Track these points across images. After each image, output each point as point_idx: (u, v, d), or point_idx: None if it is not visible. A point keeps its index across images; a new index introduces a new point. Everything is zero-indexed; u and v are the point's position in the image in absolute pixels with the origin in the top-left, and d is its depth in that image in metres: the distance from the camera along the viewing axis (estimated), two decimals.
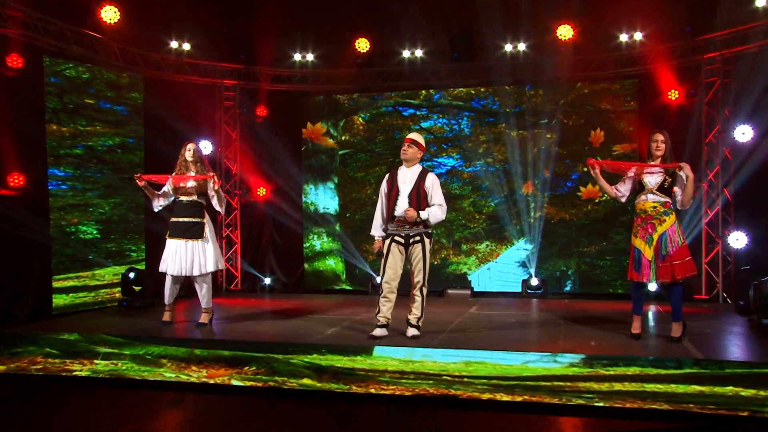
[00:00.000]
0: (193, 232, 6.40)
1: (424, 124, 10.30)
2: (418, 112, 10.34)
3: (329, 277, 10.56)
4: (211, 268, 6.45)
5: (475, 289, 9.83)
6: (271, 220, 10.43)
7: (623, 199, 5.86)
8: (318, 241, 10.61)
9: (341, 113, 10.58)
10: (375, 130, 10.48)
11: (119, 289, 8.53)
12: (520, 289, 9.71)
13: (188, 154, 6.54)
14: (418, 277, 5.85)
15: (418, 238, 5.78)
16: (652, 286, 8.65)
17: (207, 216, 6.54)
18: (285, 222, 10.42)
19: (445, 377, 5.07)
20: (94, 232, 8.56)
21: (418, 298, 5.89)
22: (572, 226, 9.73)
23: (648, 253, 5.58)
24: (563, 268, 9.79)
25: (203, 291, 6.52)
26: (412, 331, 5.88)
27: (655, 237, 5.56)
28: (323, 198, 10.61)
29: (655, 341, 5.74)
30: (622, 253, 9.45)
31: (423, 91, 10.30)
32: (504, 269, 10.02)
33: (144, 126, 9.28)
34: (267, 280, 10.10)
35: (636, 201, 5.71)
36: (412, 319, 5.92)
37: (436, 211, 5.78)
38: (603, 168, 5.85)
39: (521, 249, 9.96)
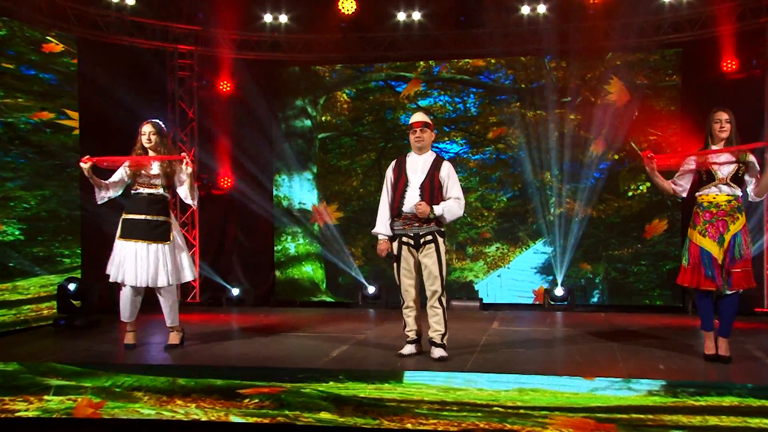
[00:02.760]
0: (159, 234, 6.05)
1: (423, 103, 10.10)
2: (415, 88, 10.11)
3: (306, 287, 10.32)
4: (187, 277, 6.19)
5: (485, 300, 9.64)
6: (236, 218, 10.17)
7: (684, 195, 5.71)
8: (292, 244, 10.35)
9: (321, 88, 10.34)
10: (362, 109, 10.26)
11: (50, 304, 8.14)
12: (538, 301, 9.61)
13: (144, 140, 6.11)
14: (434, 286, 5.69)
15: (430, 237, 5.66)
16: None
17: (172, 215, 6.25)
18: (252, 220, 10.18)
19: (496, 408, 4.81)
20: (17, 232, 8.17)
21: (438, 311, 5.74)
22: (600, 224, 9.62)
23: (719, 255, 5.43)
24: (589, 275, 9.66)
25: (169, 305, 6.21)
26: (438, 352, 5.73)
27: (728, 237, 5.42)
28: (299, 191, 10.35)
29: (733, 363, 5.56)
30: (661, 258, 9.38)
31: (421, 63, 10.10)
32: (518, 276, 9.87)
33: (79, 99, 8.87)
34: (235, 291, 9.75)
35: (701, 192, 5.55)
36: (436, 337, 5.76)
37: (452, 206, 5.68)
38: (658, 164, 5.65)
39: (538, 252, 9.81)
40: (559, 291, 9.30)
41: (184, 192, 6.17)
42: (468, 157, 9.95)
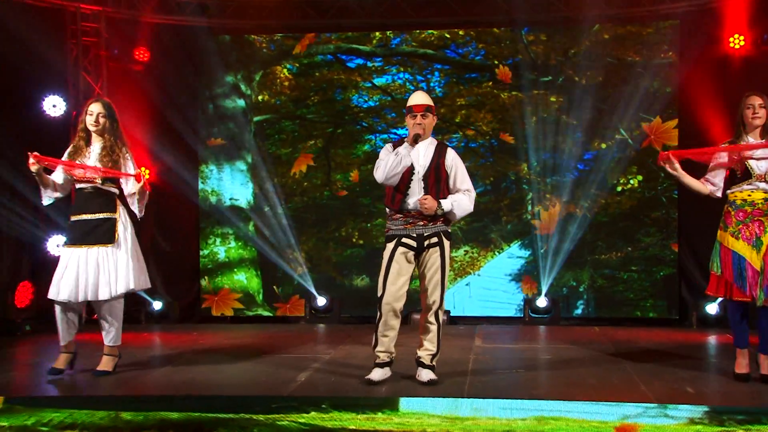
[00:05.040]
0: (100, 234, 5.82)
1: (379, 81, 9.98)
2: (369, 63, 10.04)
3: (238, 299, 10.10)
4: (131, 285, 5.92)
5: (452, 313, 9.57)
6: (154, 217, 9.84)
7: (719, 194, 5.74)
8: (222, 247, 10.14)
9: (257, 61, 10.15)
10: (307, 87, 10.10)
11: None
12: (515, 313, 9.63)
13: (90, 121, 5.89)
14: (434, 297, 5.67)
15: (435, 240, 5.60)
16: (712, 308, 8.65)
17: (122, 210, 6.00)
18: (174, 219, 10.05)
19: None
20: None
21: (433, 327, 5.71)
22: (585, 224, 9.60)
23: (756, 261, 5.46)
24: (572, 283, 9.66)
25: (110, 322, 6.00)
26: (427, 374, 5.64)
27: (766, 241, 5.46)
28: (230, 184, 10.15)
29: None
30: (655, 263, 9.48)
31: (377, 33, 10.00)
32: (490, 285, 9.81)
33: None
34: (157, 305, 9.55)
35: (733, 190, 5.62)
36: (425, 357, 5.69)
37: (462, 200, 5.63)
38: (681, 159, 5.66)
39: (514, 257, 9.79)
40: (542, 302, 9.29)
41: (129, 199, 6.02)
42: None
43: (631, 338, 7.91)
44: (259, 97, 10.10)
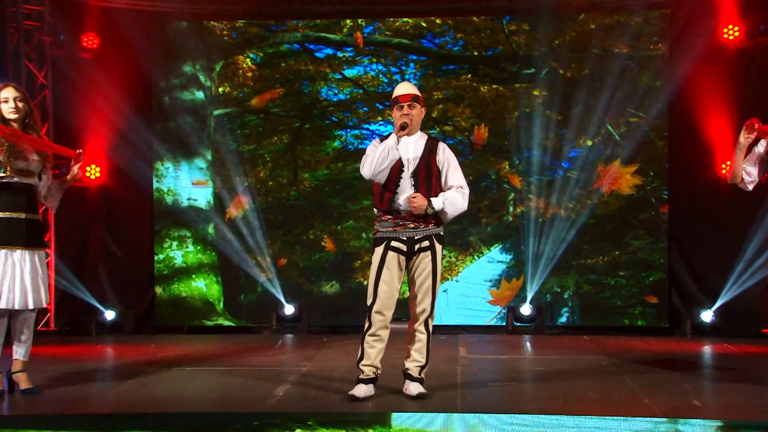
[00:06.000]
0: (39, 238, 5.81)
1: (350, 72, 9.89)
2: (339, 53, 9.94)
3: (197, 308, 9.95)
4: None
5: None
6: (104, 218, 9.79)
7: (750, 188, 5.71)
8: (179, 252, 9.97)
9: (218, 51, 10.00)
10: (272, 78, 9.99)
11: None
12: (496, 321, 9.60)
13: (7, 108, 5.66)
14: (424, 304, 5.69)
15: (426, 243, 5.58)
16: (707, 315, 8.68)
17: None
18: (126, 221, 9.88)
19: None
20: None
21: (423, 337, 5.73)
22: (570, 226, 9.59)
23: None
24: (557, 290, 9.64)
25: (28, 334, 5.79)
26: (416, 388, 5.61)
27: None
28: (188, 183, 9.98)
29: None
30: (644, 267, 9.50)
31: (348, 21, 9.90)
32: (469, 292, 9.75)
33: None
34: (109, 315, 9.38)
35: None
36: (413, 368, 5.68)
37: (455, 198, 5.60)
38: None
39: (494, 261, 9.75)
40: (526, 309, 9.26)
41: (44, 189, 5.91)
42: None
43: (623, 348, 7.96)
44: (220, 89, 9.95)
